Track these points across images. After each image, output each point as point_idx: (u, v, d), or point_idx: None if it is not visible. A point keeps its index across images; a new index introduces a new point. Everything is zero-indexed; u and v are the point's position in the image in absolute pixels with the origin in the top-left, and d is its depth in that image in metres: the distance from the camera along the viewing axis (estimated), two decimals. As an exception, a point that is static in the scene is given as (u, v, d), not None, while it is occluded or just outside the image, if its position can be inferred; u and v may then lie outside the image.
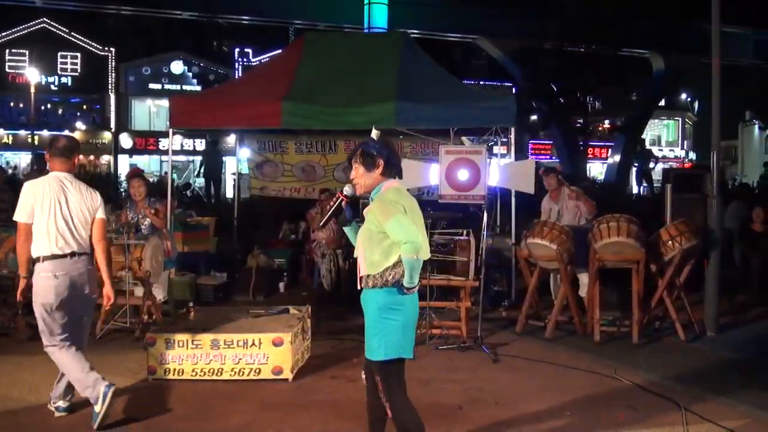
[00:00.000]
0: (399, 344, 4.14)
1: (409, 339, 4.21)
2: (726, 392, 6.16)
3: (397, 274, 4.08)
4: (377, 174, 4.22)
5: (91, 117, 38.94)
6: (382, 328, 4.11)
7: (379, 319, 4.12)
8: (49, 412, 5.52)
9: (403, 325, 4.14)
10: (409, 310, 4.18)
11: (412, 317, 4.24)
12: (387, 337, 4.11)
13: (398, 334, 4.12)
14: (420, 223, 4.23)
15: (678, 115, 51.53)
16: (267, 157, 12.96)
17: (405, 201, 4.16)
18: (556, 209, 9.00)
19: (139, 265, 7.71)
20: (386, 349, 4.11)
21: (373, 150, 4.22)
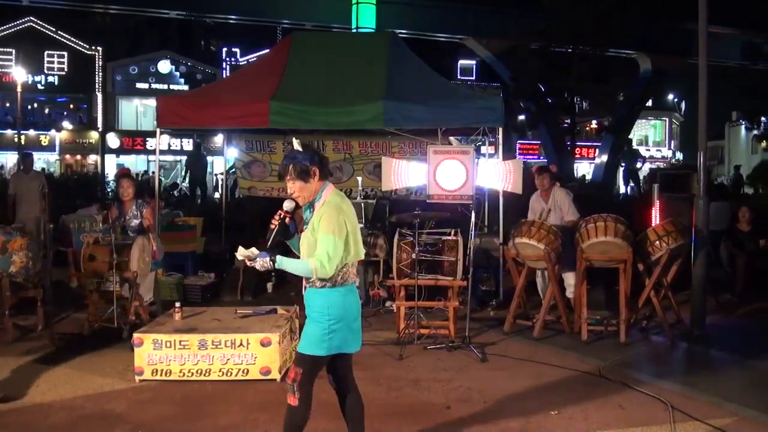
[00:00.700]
0: (344, 339, 4.25)
1: (353, 334, 4.34)
2: (713, 390, 6.19)
3: (345, 275, 4.22)
4: (315, 183, 4.26)
5: (78, 116, 38.83)
6: (329, 325, 4.19)
7: (327, 318, 4.19)
8: (37, 414, 5.49)
9: (349, 321, 4.27)
10: (353, 307, 4.32)
11: (355, 314, 4.35)
12: (333, 333, 4.19)
13: (344, 330, 4.24)
14: (355, 225, 4.29)
15: (665, 115, 51.80)
16: (255, 156, 12.93)
17: (345, 204, 4.26)
18: (546, 208, 9.02)
19: (126, 266, 7.68)
20: (328, 346, 4.21)
21: (305, 162, 4.24)
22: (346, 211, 4.19)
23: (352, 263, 4.28)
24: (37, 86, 36.82)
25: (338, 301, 4.21)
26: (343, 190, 12.49)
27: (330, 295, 4.21)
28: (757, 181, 28.31)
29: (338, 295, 4.21)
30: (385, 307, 9.53)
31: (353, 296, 4.33)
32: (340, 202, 4.21)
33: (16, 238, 8.02)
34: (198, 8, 31.89)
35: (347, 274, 4.24)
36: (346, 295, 4.25)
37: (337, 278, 4.19)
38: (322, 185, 4.27)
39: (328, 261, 4.07)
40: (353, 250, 4.23)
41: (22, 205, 11.75)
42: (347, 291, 4.26)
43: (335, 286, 4.20)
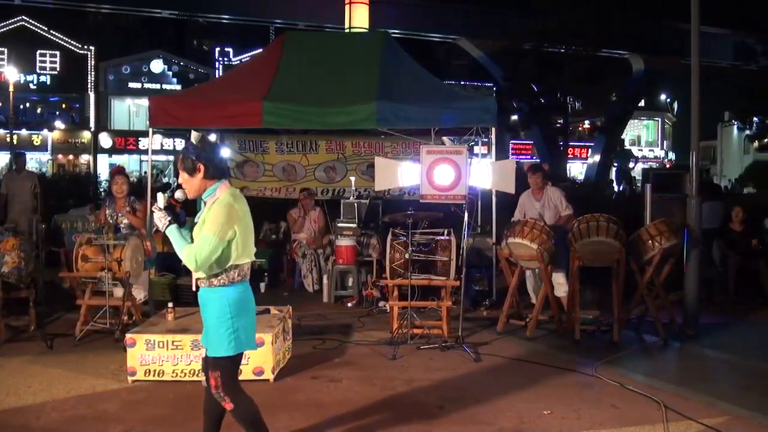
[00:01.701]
0: (247, 338, 4.27)
1: (252, 332, 4.36)
2: (706, 390, 6.20)
3: (241, 271, 4.22)
4: (200, 179, 4.21)
5: (71, 116, 38.76)
6: (231, 324, 4.18)
7: (230, 316, 4.18)
8: (29, 415, 5.47)
9: (249, 319, 4.29)
10: (250, 304, 4.33)
11: (252, 311, 4.37)
12: (237, 332, 4.19)
13: (246, 328, 4.25)
14: (247, 226, 4.27)
15: (658, 115, 52.00)
16: (248, 156, 12.92)
17: (240, 205, 4.22)
18: (539, 206, 9.00)
19: (119, 266, 7.66)
20: (236, 345, 4.20)
21: (192, 155, 4.20)
22: (237, 212, 4.15)
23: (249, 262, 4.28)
24: (29, 86, 36.75)
25: (237, 297, 4.20)
26: (336, 190, 12.54)
27: (229, 293, 4.19)
28: (749, 181, 28.45)
29: (237, 292, 4.21)
30: (378, 307, 9.53)
31: (250, 294, 4.34)
32: (233, 202, 4.16)
33: (9, 239, 8.00)
34: (191, 8, 31.89)
35: (244, 273, 4.24)
36: (244, 292, 4.25)
37: (234, 276, 4.18)
38: (214, 183, 4.22)
39: (199, 257, 4.04)
40: (242, 250, 4.19)
41: (14, 205, 11.71)
42: (246, 288, 4.27)
43: (233, 284, 4.19)
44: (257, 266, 10.87)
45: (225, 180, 4.27)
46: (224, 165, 4.34)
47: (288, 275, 11.60)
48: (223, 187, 4.23)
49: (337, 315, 9.24)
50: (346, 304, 9.89)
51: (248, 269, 4.30)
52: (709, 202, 11.69)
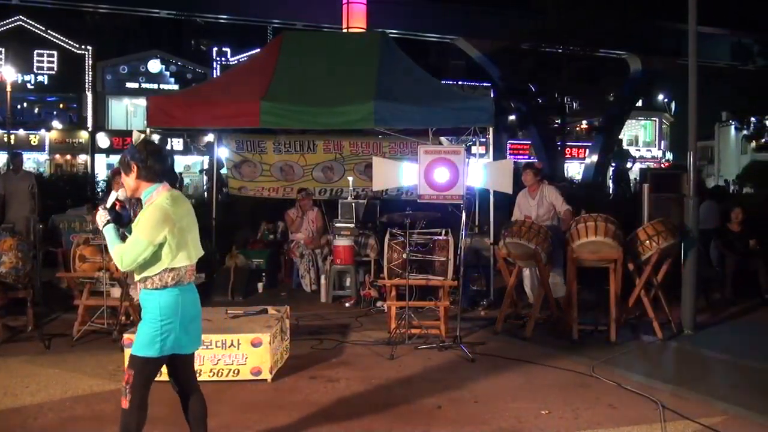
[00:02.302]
0: (176, 341, 4.22)
1: (188, 334, 4.31)
2: (703, 389, 6.21)
3: (177, 275, 4.18)
4: (133, 178, 4.23)
5: (68, 116, 38.72)
6: (161, 327, 4.16)
7: (159, 318, 4.17)
8: (26, 415, 5.47)
9: (183, 322, 4.24)
10: (188, 308, 4.29)
11: (191, 314, 4.33)
12: (165, 334, 4.17)
13: (177, 331, 4.21)
14: (185, 229, 4.26)
15: (655, 115, 52.03)
16: (245, 156, 12.91)
17: (178, 208, 4.20)
18: (534, 204, 9.02)
19: (117, 266, 7.64)
20: (162, 348, 4.18)
21: (128, 155, 4.23)
22: (170, 216, 4.11)
23: (185, 265, 4.24)
24: (26, 85, 36.69)
25: (170, 301, 4.17)
26: (334, 190, 12.54)
27: (161, 297, 4.17)
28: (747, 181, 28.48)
29: (170, 296, 4.17)
30: (376, 307, 9.54)
31: (189, 296, 4.30)
32: (169, 206, 4.13)
33: (6, 239, 7.99)
34: (188, 8, 31.88)
35: (180, 276, 4.20)
36: (179, 296, 4.21)
37: (168, 280, 4.16)
38: (150, 185, 4.22)
39: (125, 257, 4.07)
40: (177, 254, 4.16)
41: (11, 205, 11.69)
42: (181, 291, 4.22)
43: (167, 287, 4.17)
44: (255, 266, 10.89)
45: (163, 183, 4.24)
46: (161, 168, 4.24)
47: (286, 275, 11.60)
48: (161, 189, 4.21)
49: (335, 315, 9.23)
50: (344, 304, 9.88)
51: (188, 273, 4.25)
52: (707, 202, 11.72)
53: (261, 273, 10.92)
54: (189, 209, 4.34)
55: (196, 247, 4.33)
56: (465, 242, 8.31)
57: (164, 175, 4.28)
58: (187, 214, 4.28)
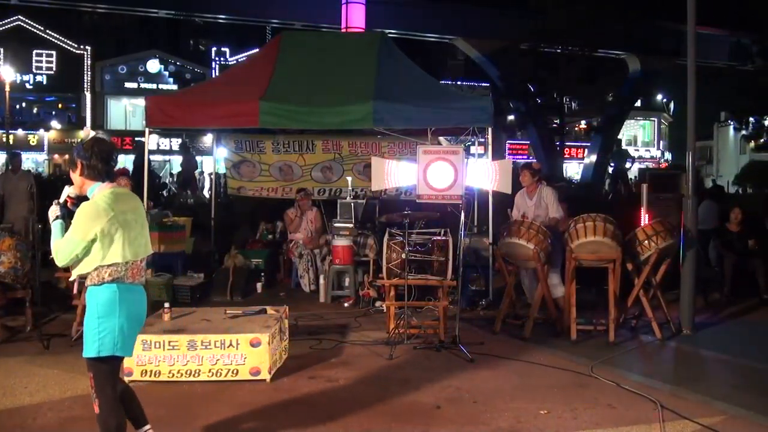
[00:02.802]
0: (114, 342, 4.14)
1: (127, 337, 4.23)
2: (702, 389, 6.21)
3: (115, 272, 4.14)
4: (77, 174, 4.26)
5: (67, 116, 38.73)
6: (98, 325, 4.13)
7: (97, 316, 4.15)
8: (25, 415, 5.46)
9: (120, 322, 4.16)
10: (129, 308, 4.22)
11: (133, 316, 4.27)
12: (103, 333, 4.13)
13: (114, 332, 4.14)
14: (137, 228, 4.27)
15: (654, 115, 52.07)
16: (244, 156, 12.91)
17: (120, 205, 4.19)
18: (531, 205, 9.01)
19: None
20: (100, 347, 4.13)
21: (74, 152, 4.28)
22: (104, 212, 4.09)
23: (126, 263, 4.17)
24: (25, 85, 36.69)
25: (107, 298, 4.13)
26: (333, 190, 12.54)
27: (98, 294, 4.15)
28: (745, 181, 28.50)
29: (108, 293, 4.14)
30: (375, 307, 9.53)
31: (132, 296, 4.24)
32: (106, 202, 4.12)
33: (5, 239, 7.98)
34: (187, 8, 31.85)
35: (119, 274, 4.15)
36: (117, 294, 4.15)
37: (104, 276, 4.12)
38: (94, 183, 4.23)
39: (60, 251, 4.11)
40: (112, 251, 4.12)
41: (10, 205, 11.69)
42: (120, 289, 4.16)
43: (102, 283, 4.14)
44: (254, 266, 10.89)
45: (106, 182, 4.24)
46: (105, 168, 4.23)
47: (285, 275, 11.60)
48: (103, 187, 4.22)
49: (334, 315, 9.23)
50: (343, 304, 9.88)
51: (131, 272, 4.20)
52: (706, 202, 11.73)
53: (260, 273, 10.92)
54: (135, 207, 4.32)
55: (139, 245, 4.27)
56: (464, 242, 8.31)
57: (109, 175, 4.27)
58: (131, 211, 4.25)
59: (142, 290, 4.35)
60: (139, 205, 4.38)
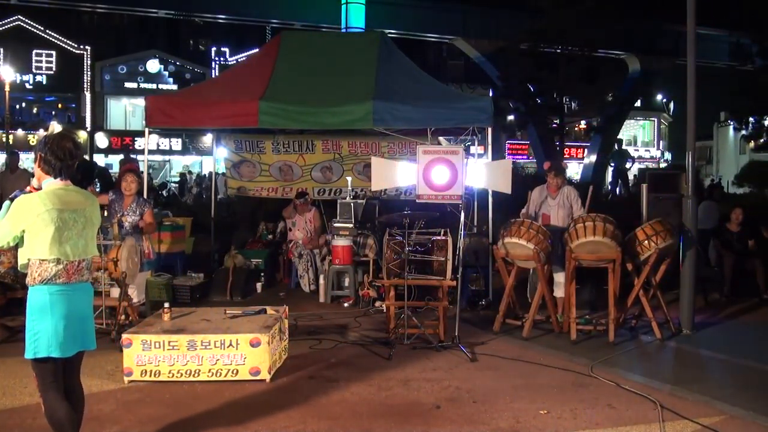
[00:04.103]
0: (48, 343, 4.13)
1: (65, 337, 4.18)
2: (702, 389, 6.21)
3: (45, 272, 4.13)
4: (35, 167, 4.31)
5: (67, 116, 38.71)
6: (32, 326, 4.15)
7: (31, 316, 4.16)
8: (25, 415, 5.46)
9: (54, 323, 4.13)
10: (67, 307, 4.19)
11: (71, 314, 4.22)
12: (38, 335, 4.13)
13: (48, 333, 4.12)
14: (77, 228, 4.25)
15: (654, 115, 52.04)
16: (244, 156, 12.91)
17: (58, 204, 4.17)
18: (554, 204, 8.91)
19: (115, 266, 7.64)
20: (36, 348, 4.13)
21: (38, 144, 4.31)
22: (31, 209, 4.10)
23: (57, 262, 4.15)
24: (25, 85, 36.66)
25: (39, 299, 4.13)
26: (333, 190, 12.53)
27: (32, 295, 4.17)
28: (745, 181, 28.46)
29: (40, 294, 4.14)
30: (374, 307, 9.54)
31: (67, 296, 4.20)
32: (41, 200, 4.13)
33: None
34: (187, 8, 31.85)
35: (49, 274, 4.13)
36: (49, 295, 4.14)
37: (35, 276, 4.13)
38: (48, 178, 4.25)
39: None
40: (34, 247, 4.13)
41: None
42: (53, 292, 4.14)
43: (35, 285, 4.15)
44: (254, 266, 10.89)
45: (58, 179, 4.24)
46: (59, 165, 4.23)
47: (284, 275, 11.60)
48: (52, 182, 4.23)
49: (334, 315, 9.23)
50: (343, 304, 9.89)
51: (60, 271, 4.17)
52: (706, 203, 11.73)
53: (259, 273, 10.93)
54: (80, 208, 4.28)
55: (75, 245, 4.23)
56: (463, 242, 8.31)
57: (63, 172, 4.25)
58: (72, 211, 4.22)
59: (82, 287, 4.31)
60: (86, 206, 4.34)
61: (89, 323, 4.41)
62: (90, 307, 4.43)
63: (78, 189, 4.39)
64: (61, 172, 4.25)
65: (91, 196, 4.48)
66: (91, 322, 4.45)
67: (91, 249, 4.39)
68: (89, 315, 4.42)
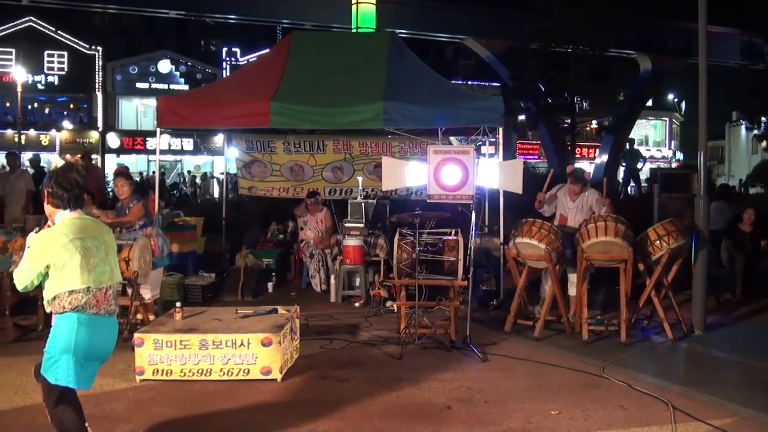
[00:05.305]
0: (67, 374, 4.14)
1: (84, 370, 4.21)
2: (714, 390, 6.18)
3: (75, 301, 4.13)
4: (46, 204, 4.32)
5: (78, 116, 38.83)
6: (53, 352, 4.15)
7: (55, 346, 4.15)
8: (37, 414, 5.49)
9: (75, 358, 4.14)
10: (91, 341, 4.20)
11: (93, 350, 4.24)
12: (58, 364, 4.13)
13: (69, 366, 4.13)
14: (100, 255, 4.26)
15: (665, 115, 51.83)
16: (255, 156, 12.93)
17: (78, 233, 4.18)
18: (573, 207, 8.89)
19: (127, 266, 7.66)
20: (56, 377, 4.13)
21: (45, 181, 4.41)
22: (54, 242, 4.12)
23: (87, 290, 4.16)
24: (37, 86, 36.78)
25: (65, 330, 4.13)
26: (344, 190, 12.54)
27: (59, 324, 4.16)
28: (757, 181, 28.34)
29: (68, 324, 4.13)
30: (385, 307, 9.54)
31: (94, 330, 4.21)
32: (61, 231, 4.15)
33: (17, 238, 8.03)
34: (198, 8, 31.92)
35: (80, 302, 4.14)
36: (77, 325, 4.13)
37: (65, 304, 4.12)
38: (59, 211, 4.27)
39: (17, 277, 4.18)
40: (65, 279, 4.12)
41: (8, 204, 11.80)
42: (82, 322, 4.14)
43: (64, 312, 4.13)
44: (265, 266, 10.92)
45: (68, 210, 4.26)
46: (67, 196, 4.25)
47: (296, 275, 11.62)
48: (65, 215, 4.25)
49: (345, 315, 9.24)
50: (354, 304, 9.89)
51: (90, 299, 4.17)
52: (717, 203, 11.68)
53: (271, 273, 10.95)
54: (98, 235, 4.31)
55: (101, 272, 4.25)
56: (475, 242, 8.30)
57: (71, 202, 4.26)
58: (92, 238, 4.24)
59: (110, 322, 4.34)
60: (104, 234, 4.37)
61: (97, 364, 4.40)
62: (113, 345, 4.43)
63: (90, 218, 4.43)
64: (70, 202, 4.27)
65: (103, 224, 4.52)
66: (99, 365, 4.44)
67: (117, 275, 4.41)
68: (110, 352, 4.43)
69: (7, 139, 35.12)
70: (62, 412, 4.22)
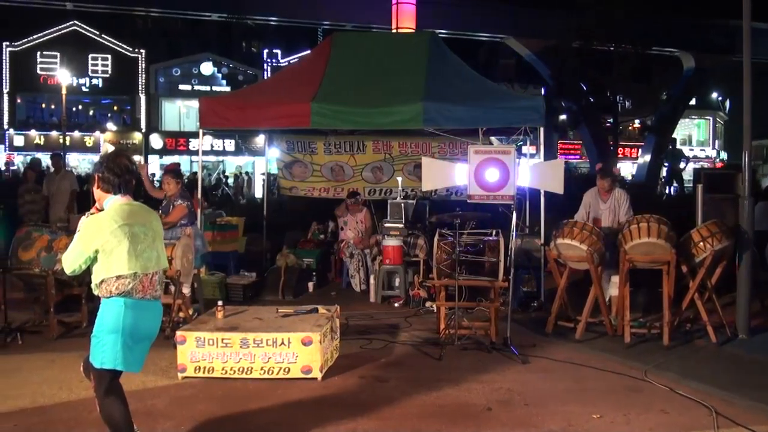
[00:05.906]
0: (114, 356, 4.19)
1: (131, 353, 4.26)
2: (758, 396, 6.07)
3: (122, 286, 4.19)
4: (96, 189, 4.37)
5: (122, 118, 39.46)
6: (101, 336, 4.21)
7: (102, 329, 4.21)
8: (81, 409, 5.59)
9: (123, 340, 4.19)
10: (137, 325, 4.26)
11: (139, 332, 4.30)
12: (105, 347, 4.18)
13: (117, 347, 4.18)
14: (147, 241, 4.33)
15: (709, 114, 51.11)
16: (296, 157, 13.01)
17: (127, 219, 4.25)
18: (605, 208, 8.85)
19: (170, 264, 7.74)
20: (102, 359, 4.20)
21: (95, 166, 4.42)
22: (106, 226, 4.18)
23: (134, 275, 4.23)
24: (81, 88, 37.45)
25: (112, 313, 4.19)
26: (384, 190, 12.56)
27: (106, 307, 4.22)
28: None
29: (115, 308, 4.20)
30: (425, 308, 9.53)
31: (140, 314, 4.28)
32: (112, 216, 4.22)
33: (62, 237, 8.15)
34: (239, 10, 32.21)
35: (127, 287, 4.21)
36: (125, 309, 4.20)
37: (111, 289, 4.19)
38: (109, 196, 4.33)
39: (65, 261, 4.27)
40: (115, 264, 4.18)
41: (53, 205, 12.04)
42: (129, 306, 4.21)
43: (111, 297, 4.20)
44: (305, 266, 10.98)
45: (119, 195, 4.33)
46: (117, 181, 4.33)
47: (336, 275, 11.67)
48: (115, 200, 4.32)
49: (384, 315, 9.25)
50: (393, 304, 9.90)
51: (137, 284, 4.25)
52: (762, 203, 11.47)
53: (311, 272, 11.00)
54: (146, 221, 4.40)
55: (148, 258, 4.33)
56: (515, 243, 8.26)
57: (121, 188, 4.34)
58: (140, 224, 4.32)
59: (155, 306, 4.43)
60: (152, 220, 4.46)
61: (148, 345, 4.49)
62: (158, 327, 4.54)
63: (139, 204, 4.51)
64: (120, 187, 4.35)
65: (151, 210, 4.60)
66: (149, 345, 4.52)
67: (163, 261, 4.50)
68: (155, 335, 4.51)
69: (53, 140, 35.77)
70: (111, 406, 4.28)
